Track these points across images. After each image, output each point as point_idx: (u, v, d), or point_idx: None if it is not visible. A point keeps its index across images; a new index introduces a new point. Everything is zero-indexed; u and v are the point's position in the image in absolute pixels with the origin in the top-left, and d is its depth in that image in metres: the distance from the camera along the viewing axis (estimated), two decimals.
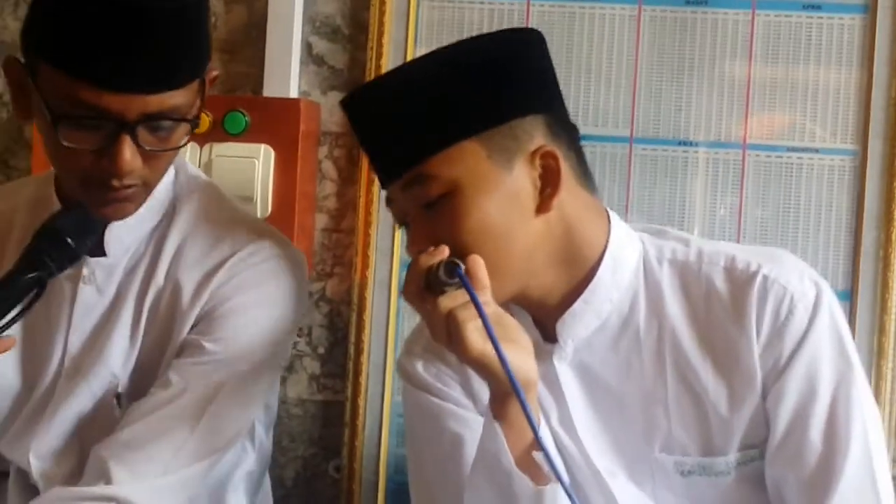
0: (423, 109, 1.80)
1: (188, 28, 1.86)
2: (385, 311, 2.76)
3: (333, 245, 2.80)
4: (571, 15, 2.71)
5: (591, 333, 1.87)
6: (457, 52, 1.84)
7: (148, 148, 1.88)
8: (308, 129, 2.75)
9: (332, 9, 2.82)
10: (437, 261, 1.73)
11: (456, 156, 1.78)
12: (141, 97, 1.83)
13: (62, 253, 1.86)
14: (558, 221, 1.82)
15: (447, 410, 1.92)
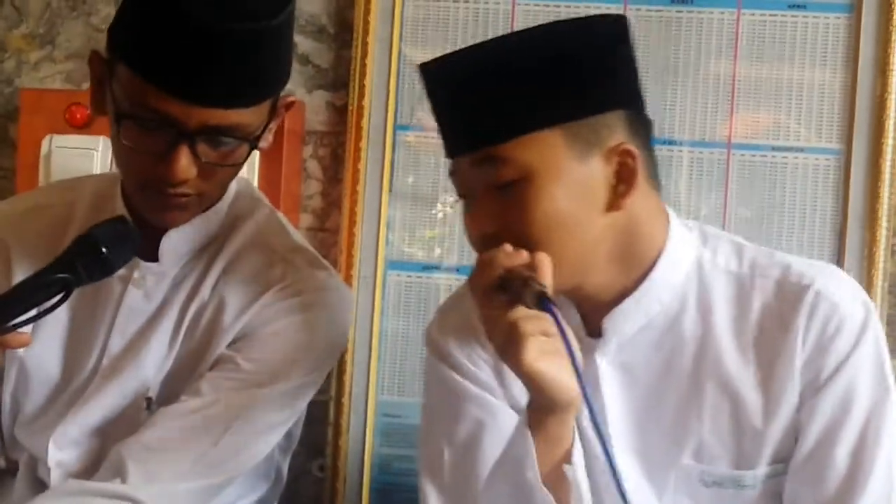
0: (508, 92, 1.76)
1: (264, 51, 1.88)
2: (370, 309, 2.77)
3: (318, 244, 2.81)
4: (556, 14, 2.72)
5: (636, 332, 1.86)
6: (549, 37, 1.79)
7: (205, 160, 1.90)
8: (292, 127, 2.75)
9: (317, 8, 2.83)
10: (516, 264, 1.70)
11: (534, 143, 1.75)
12: (205, 109, 1.86)
13: (95, 262, 1.87)
14: (624, 219, 1.80)
15: (472, 393, 1.91)
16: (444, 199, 2.78)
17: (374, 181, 2.77)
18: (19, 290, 1.85)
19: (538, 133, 1.75)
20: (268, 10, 1.86)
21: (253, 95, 1.91)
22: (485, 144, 1.77)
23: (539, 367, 1.68)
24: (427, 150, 2.78)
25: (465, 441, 1.89)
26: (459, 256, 2.76)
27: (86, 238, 1.88)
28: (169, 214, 1.99)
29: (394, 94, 2.77)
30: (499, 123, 1.76)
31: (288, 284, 2.06)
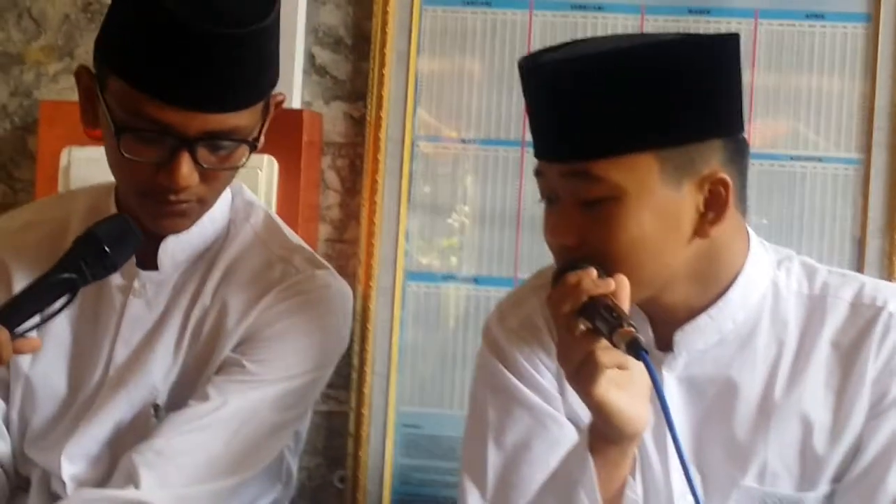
0: (611, 109, 1.73)
1: (255, 53, 1.89)
2: (388, 321, 2.77)
3: (337, 255, 2.82)
4: (574, 24, 2.73)
5: (706, 349, 1.85)
6: (659, 54, 1.76)
7: (206, 166, 1.92)
8: (311, 139, 2.77)
9: (335, 19, 2.84)
10: (600, 293, 1.68)
11: (628, 164, 1.72)
12: (202, 115, 1.88)
13: (98, 260, 1.89)
14: (708, 245, 1.79)
15: (527, 398, 1.89)
16: (460, 209, 2.78)
17: (392, 192, 2.77)
18: (25, 294, 1.87)
19: (634, 155, 1.73)
20: (257, 12, 1.88)
21: (249, 97, 1.93)
22: (579, 158, 1.74)
23: (609, 398, 1.67)
24: (443, 159, 2.79)
25: (513, 446, 1.88)
26: (478, 266, 2.77)
27: (87, 237, 1.90)
28: (171, 221, 2.01)
29: (412, 106, 2.78)
30: (597, 140, 1.73)
31: (288, 285, 2.07)
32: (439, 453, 2.74)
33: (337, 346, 2.15)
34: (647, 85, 1.73)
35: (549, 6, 2.74)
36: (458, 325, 2.75)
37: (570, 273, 1.71)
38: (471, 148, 2.77)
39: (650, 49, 1.79)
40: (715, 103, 1.77)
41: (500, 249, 2.74)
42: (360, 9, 2.82)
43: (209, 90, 1.87)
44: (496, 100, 2.75)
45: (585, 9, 2.73)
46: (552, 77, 1.78)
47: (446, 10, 2.78)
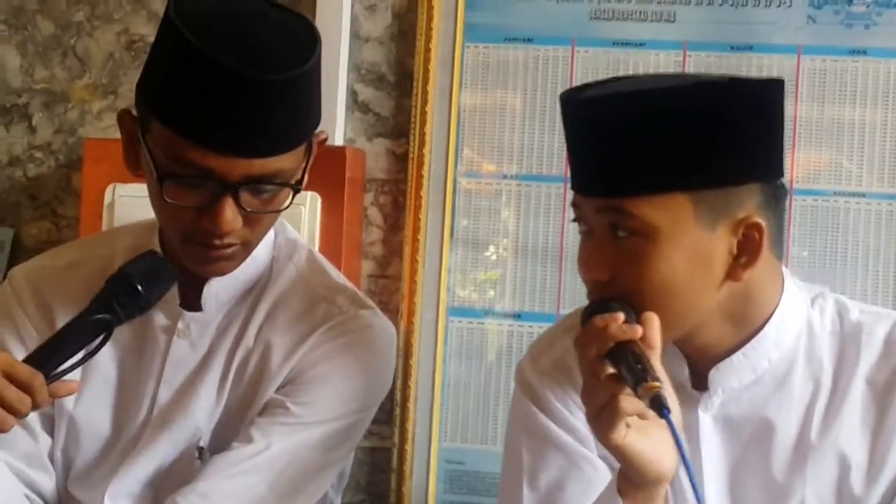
0: (649, 148, 1.73)
1: (297, 97, 1.89)
2: (431, 357, 2.79)
3: (379, 291, 2.84)
4: (616, 60, 2.75)
5: (742, 387, 1.84)
6: (698, 98, 1.76)
7: (249, 210, 1.91)
8: (354, 175, 2.78)
9: (377, 56, 2.86)
10: (627, 339, 1.67)
11: (663, 203, 1.72)
12: (245, 160, 1.87)
13: (131, 299, 1.87)
14: (740, 288, 1.78)
15: (560, 439, 1.89)
16: (501, 244, 2.80)
17: (434, 228, 2.79)
18: (60, 337, 1.85)
19: (669, 194, 1.72)
20: (298, 56, 1.88)
21: (291, 141, 1.92)
22: (615, 195, 1.74)
23: (627, 443, 1.67)
24: (485, 195, 2.80)
25: (548, 487, 1.88)
26: (521, 302, 2.78)
27: (119, 276, 1.88)
28: (215, 266, 2.00)
29: (454, 142, 2.80)
30: (632, 178, 1.73)
31: (332, 326, 2.07)
32: (482, 489, 2.75)
33: (381, 386, 2.15)
34: (685, 125, 1.73)
35: (590, 42, 2.76)
36: (501, 361, 2.76)
37: (598, 317, 1.71)
38: (512, 184, 2.79)
39: (691, 89, 1.79)
40: (754, 147, 1.77)
41: (543, 285, 2.75)
42: (402, 46, 2.84)
43: (251, 136, 1.86)
44: (538, 136, 2.77)
45: (627, 45, 2.74)
46: (592, 112, 1.79)
47: (488, 47, 2.80)
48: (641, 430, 1.67)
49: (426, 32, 2.79)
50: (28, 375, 1.79)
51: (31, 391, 1.78)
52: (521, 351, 2.70)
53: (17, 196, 3.01)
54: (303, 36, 1.92)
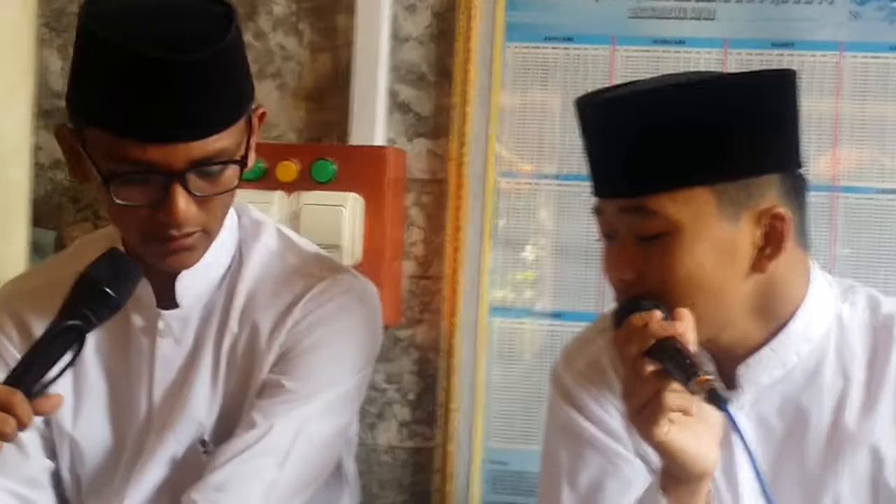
0: (667, 144, 1.76)
1: (220, 74, 1.89)
2: (473, 356, 2.80)
3: (421, 292, 2.85)
4: (656, 58, 2.75)
5: (772, 383, 1.86)
6: (713, 92, 1.79)
7: (199, 194, 1.92)
8: (395, 176, 2.80)
9: (417, 56, 2.87)
10: (668, 335, 1.69)
11: (685, 199, 1.75)
12: (185, 146, 1.88)
13: (101, 302, 1.87)
14: (766, 280, 1.80)
15: (597, 439, 1.91)
16: (541, 244, 2.81)
17: (475, 228, 2.80)
18: (34, 352, 1.84)
19: (690, 190, 1.75)
20: (213, 34, 1.88)
21: (226, 118, 1.92)
22: (636, 194, 1.77)
23: (669, 439, 1.68)
24: (526, 195, 2.81)
25: (587, 488, 1.90)
26: (562, 302, 2.79)
27: (84, 280, 1.88)
28: (178, 258, 2.00)
29: (494, 142, 2.81)
30: (653, 175, 1.76)
31: (313, 296, 2.08)
32: (525, 489, 2.76)
33: (372, 346, 2.16)
34: (702, 120, 1.76)
35: (630, 41, 2.76)
36: (543, 360, 2.76)
37: (636, 315, 1.73)
38: (552, 183, 2.80)
39: (705, 84, 1.82)
40: (772, 138, 1.79)
41: (584, 285, 2.76)
42: (442, 46, 2.85)
43: (184, 120, 1.87)
44: (578, 135, 2.76)
45: (667, 43, 2.75)
46: (608, 114, 1.82)
47: (528, 46, 2.81)
48: (684, 426, 1.69)
49: (466, 32, 2.80)
50: (6, 396, 1.78)
51: (13, 410, 1.78)
52: None
53: (59, 198, 3.04)
54: (216, 16, 1.92)
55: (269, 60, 2.93)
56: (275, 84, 2.93)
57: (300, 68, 2.91)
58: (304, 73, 2.92)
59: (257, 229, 2.16)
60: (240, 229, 2.15)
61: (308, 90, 2.91)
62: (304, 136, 2.91)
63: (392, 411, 2.86)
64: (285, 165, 2.78)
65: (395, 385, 2.86)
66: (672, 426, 1.68)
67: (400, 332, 2.85)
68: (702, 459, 1.71)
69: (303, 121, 2.92)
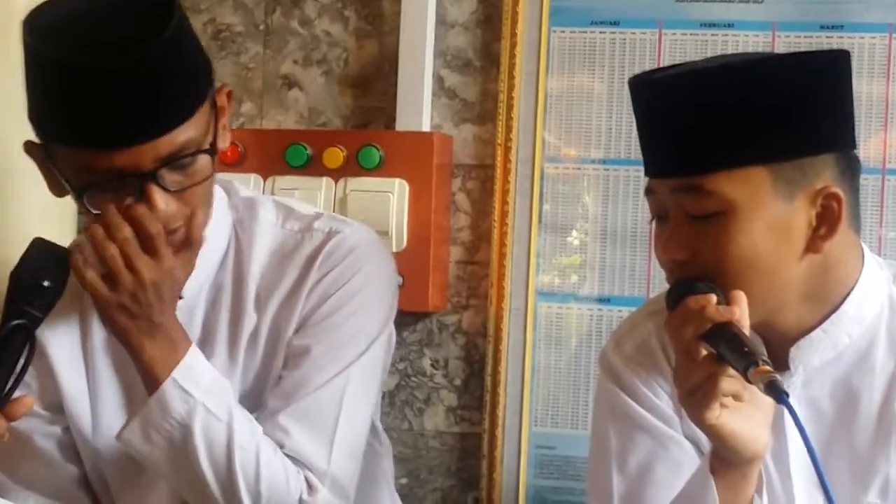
0: (722, 123, 1.76)
1: (166, 68, 1.88)
2: (521, 342, 2.80)
3: (468, 277, 2.86)
4: (703, 42, 2.75)
5: (823, 365, 1.86)
6: (771, 71, 1.79)
7: (175, 188, 1.92)
8: (441, 161, 2.81)
9: (463, 42, 2.88)
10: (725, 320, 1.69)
11: (740, 178, 1.75)
12: (150, 145, 1.87)
13: (40, 296, 1.86)
14: (820, 260, 1.80)
15: (647, 421, 1.92)
16: (589, 229, 2.81)
17: (522, 213, 2.81)
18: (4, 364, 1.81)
19: (746, 169, 1.75)
20: (153, 27, 1.87)
21: (186, 108, 1.92)
22: (690, 173, 1.77)
23: (721, 422, 1.69)
24: (573, 179, 2.82)
25: (636, 470, 1.90)
26: (609, 286, 2.79)
27: (18, 279, 1.87)
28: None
29: (541, 126, 2.81)
30: (709, 154, 1.76)
31: (325, 256, 2.09)
32: (573, 474, 2.76)
33: (392, 293, 2.18)
34: (759, 99, 1.76)
35: (678, 24, 2.76)
36: (591, 345, 2.77)
37: (692, 298, 1.73)
38: (600, 168, 2.80)
39: (763, 64, 1.83)
40: (827, 117, 1.79)
41: (632, 269, 2.77)
42: (488, 31, 2.86)
43: (142, 119, 1.87)
44: (626, 119, 2.77)
45: (715, 26, 2.74)
46: (664, 92, 1.82)
47: (574, 31, 2.81)
48: (735, 410, 1.69)
49: (512, 17, 2.80)
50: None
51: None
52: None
53: None
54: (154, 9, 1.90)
55: (315, 47, 2.95)
56: (321, 71, 2.95)
57: (346, 55, 2.93)
58: (350, 59, 2.93)
59: (251, 206, 2.16)
60: (231, 209, 2.15)
61: (354, 77, 2.93)
62: (350, 122, 2.93)
63: (439, 396, 2.87)
64: (332, 152, 2.80)
65: (442, 371, 2.87)
66: (724, 410, 1.69)
67: (447, 318, 2.87)
68: (753, 443, 1.72)
69: (349, 107, 2.93)
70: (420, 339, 2.88)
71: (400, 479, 2.83)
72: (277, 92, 2.97)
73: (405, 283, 2.69)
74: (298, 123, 2.96)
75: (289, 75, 2.97)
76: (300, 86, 2.96)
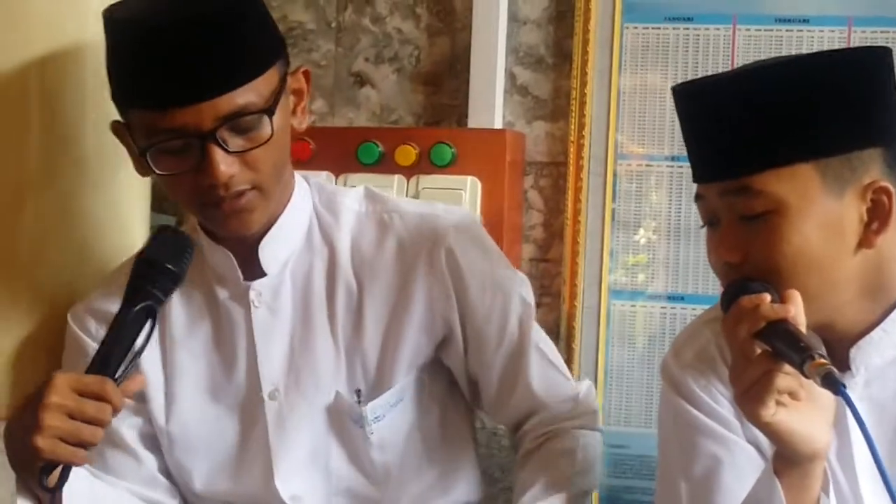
0: (767, 122, 1.79)
1: (230, 29, 1.95)
2: (594, 340, 2.83)
3: (540, 275, 2.89)
4: (778, 38, 2.76)
5: (884, 365, 1.86)
6: (811, 69, 1.82)
7: (235, 149, 1.96)
8: (514, 159, 2.84)
9: (536, 38, 2.91)
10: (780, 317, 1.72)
11: (788, 175, 1.78)
12: (209, 104, 1.93)
13: (164, 278, 1.95)
14: (874, 256, 1.81)
15: (709, 428, 1.94)
16: (662, 226, 2.84)
17: (595, 211, 2.83)
18: (111, 338, 1.91)
19: (795, 166, 1.78)
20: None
21: (247, 72, 1.96)
22: (739, 174, 1.80)
23: (777, 419, 1.71)
24: (647, 176, 2.84)
25: (702, 477, 1.92)
26: (683, 284, 2.81)
27: (146, 262, 1.96)
28: (237, 220, 2.03)
29: (614, 123, 2.84)
30: (755, 154, 1.79)
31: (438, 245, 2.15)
32: (646, 473, 2.79)
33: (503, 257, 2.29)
34: (803, 96, 1.78)
35: (752, 20, 2.77)
36: (663, 343, 2.79)
37: (746, 297, 1.75)
38: (674, 165, 2.82)
39: (806, 61, 1.86)
40: (873, 111, 1.81)
41: (706, 267, 2.76)
42: (560, 28, 2.89)
43: (201, 78, 1.92)
44: None
45: (790, 22, 2.75)
46: (708, 96, 1.85)
47: (647, 27, 2.83)
48: (792, 408, 1.71)
49: (584, 13, 2.83)
50: (98, 384, 1.85)
51: (107, 397, 1.85)
52: None
53: None
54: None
55: (387, 44, 2.99)
56: (392, 68, 2.99)
57: (418, 52, 2.97)
58: (422, 56, 2.97)
59: (333, 193, 2.22)
60: (313, 188, 2.20)
61: (426, 74, 2.98)
62: (422, 119, 2.97)
63: None
64: (404, 149, 2.83)
65: None
66: (780, 408, 1.71)
67: None
68: (811, 441, 1.74)
69: (421, 105, 2.97)
70: None
71: None
72: (349, 89, 3.02)
73: None
74: (370, 121, 3.00)
75: (360, 73, 3.02)
76: (372, 83, 3.01)
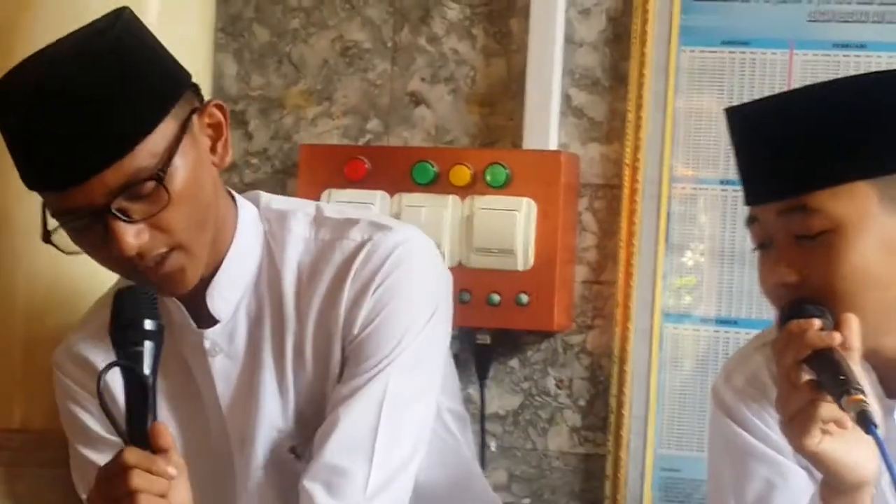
0: (824, 141, 1.79)
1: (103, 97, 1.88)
2: (647, 363, 2.85)
3: (594, 297, 2.91)
4: (836, 63, 2.77)
5: None
6: (867, 87, 1.84)
7: (138, 217, 1.90)
8: (569, 181, 2.86)
9: (592, 61, 2.93)
10: (826, 346, 1.71)
11: (846, 194, 1.78)
12: (97, 179, 1.87)
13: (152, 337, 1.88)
14: None
15: (760, 452, 1.94)
16: (715, 250, 2.85)
17: (650, 234, 2.85)
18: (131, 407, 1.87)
19: (853, 184, 1.78)
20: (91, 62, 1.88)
21: (130, 137, 1.88)
22: (796, 193, 1.79)
23: (821, 448, 1.71)
24: (702, 200, 2.86)
25: (755, 501, 1.93)
26: (737, 309, 2.83)
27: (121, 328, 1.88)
28: (171, 282, 1.98)
29: (669, 146, 2.86)
30: (814, 172, 1.79)
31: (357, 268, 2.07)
32: (698, 497, 2.79)
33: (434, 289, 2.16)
34: (858, 114, 1.79)
35: (810, 45, 2.79)
36: (716, 367, 2.75)
37: (794, 322, 1.75)
38: (729, 188, 2.83)
39: (862, 80, 1.88)
40: None
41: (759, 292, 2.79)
42: (616, 50, 2.91)
43: (79, 156, 1.86)
44: None
45: (848, 47, 2.76)
46: (762, 116, 1.86)
47: (704, 51, 2.85)
48: (838, 436, 1.71)
49: (641, 36, 2.85)
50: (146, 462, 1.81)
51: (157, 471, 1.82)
52: None
53: None
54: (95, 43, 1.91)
55: (443, 65, 3.02)
56: (448, 88, 3.02)
57: (474, 73, 3.00)
58: (478, 77, 3.00)
59: (283, 218, 2.14)
60: (263, 221, 2.14)
61: (481, 95, 3.00)
62: (477, 140, 3.00)
63: (563, 416, 2.91)
64: (459, 170, 2.85)
65: (566, 391, 2.91)
66: (825, 437, 1.71)
67: (571, 338, 2.92)
68: (857, 470, 1.74)
69: (476, 125, 3.00)
70: (544, 358, 2.93)
71: (523, 499, 2.91)
72: (404, 109, 3.05)
73: (531, 303, 2.78)
74: (425, 141, 3.03)
75: (416, 92, 3.05)
76: (427, 103, 3.04)
